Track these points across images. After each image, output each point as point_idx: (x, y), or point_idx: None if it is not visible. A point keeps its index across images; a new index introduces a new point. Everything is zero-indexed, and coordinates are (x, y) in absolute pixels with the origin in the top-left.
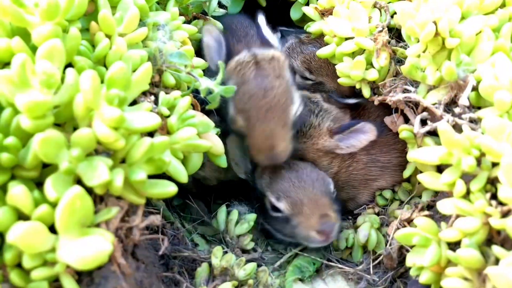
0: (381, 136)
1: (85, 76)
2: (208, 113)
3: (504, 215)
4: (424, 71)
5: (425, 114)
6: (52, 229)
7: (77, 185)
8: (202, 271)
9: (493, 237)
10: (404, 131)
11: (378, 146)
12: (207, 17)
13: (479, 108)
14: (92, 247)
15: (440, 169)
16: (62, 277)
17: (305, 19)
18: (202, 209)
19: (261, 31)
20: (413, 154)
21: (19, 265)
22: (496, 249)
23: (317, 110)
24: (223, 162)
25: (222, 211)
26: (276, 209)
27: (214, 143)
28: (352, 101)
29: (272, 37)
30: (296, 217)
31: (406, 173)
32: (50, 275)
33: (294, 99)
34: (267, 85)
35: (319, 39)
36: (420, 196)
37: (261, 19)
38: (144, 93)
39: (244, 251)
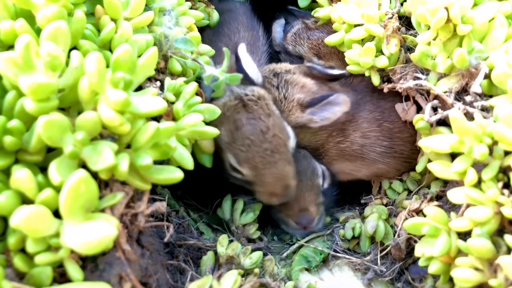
0: (388, 120)
1: (91, 58)
2: None
3: None
4: (434, 59)
5: (435, 102)
6: (56, 214)
7: (82, 169)
8: (207, 259)
9: (504, 227)
10: (419, 121)
11: (382, 130)
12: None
13: (490, 96)
14: (97, 232)
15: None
16: (66, 263)
17: (312, 7)
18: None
19: (241, 64)
20: (424, 142)
21: (22, 250)
22: (508, 239)
23: (277, 83)
24: (208, 162)
25: (227, 200)
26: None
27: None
28: (335, 71)
29: (253, 69)
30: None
31: (419, 167)
32: (54, 260)
33: (289, 132)
34: (262, 128)
35: (326, 25)
36: (429, 187)
37: (241, 49)
38: (150, 79)
39: (250, 240)
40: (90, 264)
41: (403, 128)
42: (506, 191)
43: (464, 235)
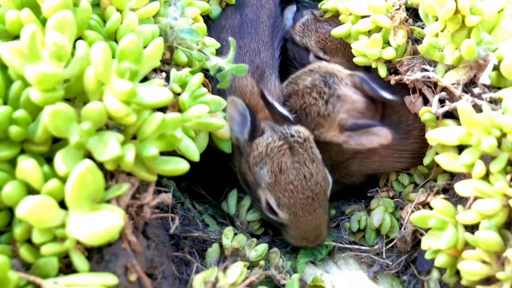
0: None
1: (96, 48)
2: None
3: None
4: (442, 51)
5: (443, 94)
6: (62, 204)
7: (88, 159)
8: (212, 251)
9: None
10: (426, 113)
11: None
12: None
13: (499, 88)
14: (103, 222)
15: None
16: (72, 253)
17: None
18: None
19: (276, 109)
20: (431, 134)
21: (28, 241)
22: None
23: (327, 96)
24: (227, 148)
25: (232, 195)
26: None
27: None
28: (389, 96)
29: (285, 111)
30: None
31: (426, 160)
32: (60, 251)
33: (328, 180)
34: (306, 174)
35: (335, 18)
36: (435, 180)
37: (270, 95)
38: (155, 70)
39: (254, 236)
40: (96, 255)
41: (417, 125)
42: None
43: (471, 228)
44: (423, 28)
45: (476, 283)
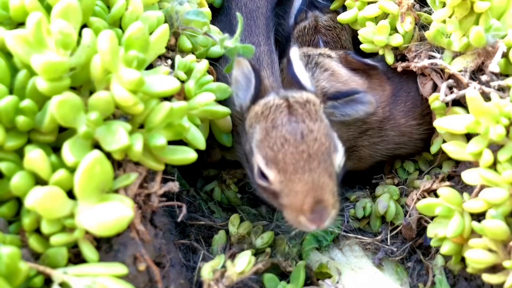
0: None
1: (103, 37)
2: None
3: None
4: (449, 37)
5: (450, 81)
6: (70, 194)
7: (96, 150)
8: (219, 238)
9: None
10: (435, 101)
11: (415, 118)
12: None
13: (507, 75)
14: (112, 213)
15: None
16: (81, 243)
17: None
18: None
19: (292, 69)
20: (439, 123)
21: (37, 230)
22: None
23: (305, 63)
24: (227, 141)
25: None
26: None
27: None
28: (370, 61)
29: (305, 76)
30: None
31: (434, 148)
32: (69, 241)
33: (337, 146)
34: (304, 129)
35: (334, 30)
36: (440, 167)
37: (294, 52)
38: (160, 57)
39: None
40: (105, 244)
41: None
42: None
43: (477, 216)
44: (430, 13)
45: (482, 271)
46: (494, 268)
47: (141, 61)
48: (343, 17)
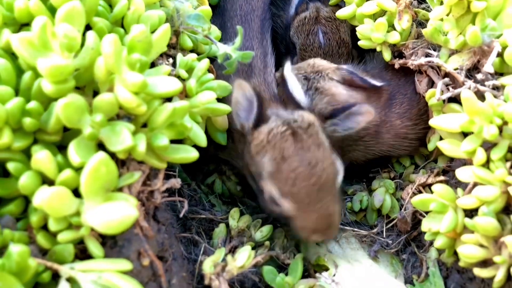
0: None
1: (107, 41)
2: None
3: None
4: (446, 35)
5: (447, 80)
6: (75, 192)
7: (101, 151)
8: (219, 231)
9: (510, 205)
10: (432, 98)
11: (411, 119)
12: None
13: (501, 74)
14: (118, 212)
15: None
16: (87, 240)
17: None
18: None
19: (288, 87)
20: (434, 121)
21: (44, 227)
22: None
23: (305, 89)
24: (223, 139)
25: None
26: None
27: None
28: (374, 82)
29: (299, 92)
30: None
31: (431, 145)
32: (75, 238)
33: (338, 167)
34: (311, 160)
35: (334, 21)
36: (436, 161)
37: (288, 69)
38: (161, 55)
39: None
40: (110, 240)
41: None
42: None
43: (470, 211)
44: (427, 10)
45: (473, 265)
46: (485, 263)
47: (144, 63)
48: (341, 13)
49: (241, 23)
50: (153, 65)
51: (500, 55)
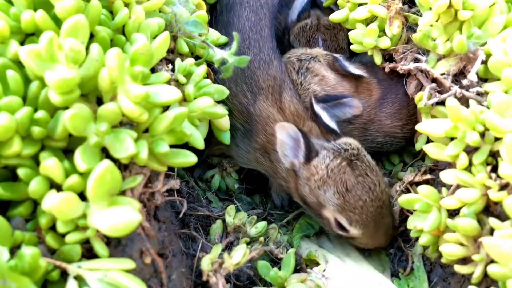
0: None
1: (111, 54)
2: None
3: (502, 188)
4: (435, 40)
5: (434, 85)
6: (81, 195)
7: (106, 159)
8: (216, 228)
9: (490, 206)
10: (421, 101)
11: (401, 119)
12: None
13: (486, 80)
14: (123, 217)
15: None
16: (93, 241)
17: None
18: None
19: (322, 120)
20: (421, 126)
21: (52, 227)
22: (492, 221)
23: (297, 67)
24: (226, 139)
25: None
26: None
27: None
28: (355, 71)
29: (331, 122)
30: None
31: (418, 146)
32: (82, 239)
33: (387, 182)
34: (370, 185)
35: (333, 29)
36: (423, 159)
37: (317, 107)
38: (161, 60)
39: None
40: (114, 240)
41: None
42: (493, 175)
43: (454, 211)
44: (418, 14)
45: (454, 262)
46: (465, 260)
47: (146, 75)
48: (334, 17)
49: (252, 34)
50: (152, 70)
51: (484, 62)
